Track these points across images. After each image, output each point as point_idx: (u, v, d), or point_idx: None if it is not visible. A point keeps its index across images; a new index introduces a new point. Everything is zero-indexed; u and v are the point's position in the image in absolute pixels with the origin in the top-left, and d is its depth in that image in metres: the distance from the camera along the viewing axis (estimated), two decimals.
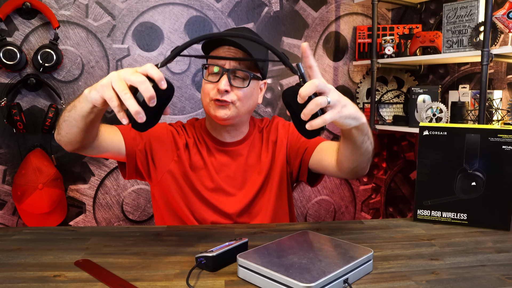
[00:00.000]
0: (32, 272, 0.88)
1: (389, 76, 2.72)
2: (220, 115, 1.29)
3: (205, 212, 1.35)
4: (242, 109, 1.32)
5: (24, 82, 2.13)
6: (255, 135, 1.45)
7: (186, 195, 1.36)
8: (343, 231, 1.16)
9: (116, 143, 1.29)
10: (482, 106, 1.84)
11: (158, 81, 0.85)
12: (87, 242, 1.05)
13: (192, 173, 1.37)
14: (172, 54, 0.93)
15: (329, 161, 1.29)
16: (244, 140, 1.43)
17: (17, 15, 2.15)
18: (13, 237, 1.09)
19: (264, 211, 1.38)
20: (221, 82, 1.26)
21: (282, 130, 1.46)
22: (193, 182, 1.36)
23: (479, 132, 1.18)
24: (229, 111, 1.29)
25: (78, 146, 1.14)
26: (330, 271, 0.80)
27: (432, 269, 0.91)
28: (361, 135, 1.07)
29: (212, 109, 1.31)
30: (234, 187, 1.38)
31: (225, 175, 1.39)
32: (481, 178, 1.19)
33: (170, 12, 2.36)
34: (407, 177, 2.71)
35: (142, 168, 1.36)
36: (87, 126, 1.05)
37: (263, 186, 1.40)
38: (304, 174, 1.41)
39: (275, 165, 1.42)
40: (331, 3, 2.63)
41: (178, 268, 0.90)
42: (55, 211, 2.18)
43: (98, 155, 1.26)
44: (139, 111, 0.83)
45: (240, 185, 1.39)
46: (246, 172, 1.40)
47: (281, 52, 0.97)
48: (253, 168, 1.41)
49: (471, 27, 1.98)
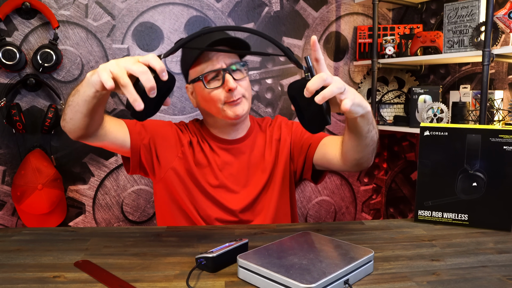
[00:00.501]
0: (31, 273, 0.87)
1: (390, 76, 2.71)
2: (239, 112, 1.31)
3: (209, 208, 1.36)
4: (250, 99, 1.36)
5: (24, 82, 2.13)
6: (257, 134, 1.46)
7: (191, 191, 1.37)
8: (344, 232, 1.16)
9: (121, 135, 1.29)
10: (483, 107, 1.84)
11: (159, 72, 0.86)
12: (86, 243, 1.05)
13: (196, 170, 1.37)
14: (176, 46, 0.92)
15: (334, 154, 1.29)
16: (247, 137, 1.44)
17: (17, 15, 2.15)
18: (13, 237, 1.09)
19: (267, 208, 1.39)
20: (229, 82, 1.27)
21: (285, 128, 1.47)
22: (198, 178, 1.37)
23: (480, 133, 1.17)
24: (244, 105, 1.32)
25: (82, 133, 1.14)
26: (331, 272, 0.80)
27: (433, 270, 0.90)
28: (367, 124, 1.08)
29: (229, 111, 1.31)
30: (238, 185, 1.39)
31: (228, 173, 1.39)
32: (482, 178, 1.18)
33: (170, 12, 2.36)
34: (408, 177, 2.70)
35: (146, 163, 1.36)
36: (90, 112, 1.05)
37: (267, 184, 1.41)
38: (309, 170, 1.41)
39: (278, 164, 1.42)
40: (332, 3, 2.62)
41: (178, 269, 0.90)
42: (55, 211, 2.17)
43: (101, 145, 1.26)
44: (136, 98, 0.83)
45: (244, 183, 1.40)
46: (249, 170, 1.41)
47: (286, 47, 0.96)
48: (256, 166, 1.41)
49: (472, 27, 1.97)
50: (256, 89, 2.52)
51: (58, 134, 2.24)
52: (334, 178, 2.74)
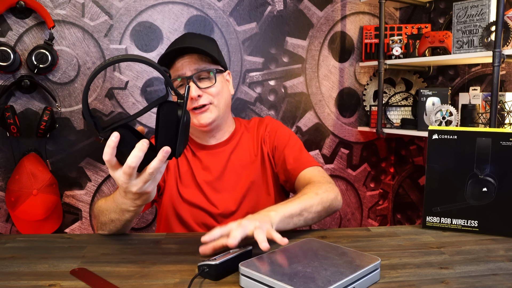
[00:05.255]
0: (26, 281, 0.87)
1: (397, 78, 2.68)
2: (204, 121, 1.33)
3: (191, 213, 1.40)
4: (221, 105, 1.37)
5: (18, 84, 2.10)
6: (242, 135, 1.48)
7: (174, 197, 1.41)
8: (349, 239, 1.16)
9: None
10: (494, 109, 1.82)
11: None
12: (83, 250, 1.04)
13: (179, 180, 1.41)
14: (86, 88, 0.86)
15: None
16: (229, 140, 1.46)
17: (11, 14, 2.11)
18: (7, 245, 1.08)
19: (252, 211, 1.38)
20: (191, 91, 1.29)
21: (270, 130, 1.49)
22: (179, 188, 1.41)
23: (491, 136, 1.17)
24: (211, 113, 1.34)
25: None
26: (336, 280, 0.78)
27: (442, 278, 0.90)
28: (300, 222, 1.14)
29: (195, 119, 1.34)
30: (223, 188, 1.41)
31: (211, 176, 1.41)
32: (492, 183, 1.17)
33: (169, 11, 2.31)
34: (415, 182, 2.66)
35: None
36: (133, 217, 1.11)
37: (252, 186, 1.42)
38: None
39: (263, 164, 1.45)
40: (337, 2, 2.57)
41: (178, 277, 0.89)
42: (50, 218, 2.13)
43: None
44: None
45: (227, 185, 1.41)
46: (232, 172, 1.42)
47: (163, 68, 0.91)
48: (240, 168, 1.43)
49: (482, 27, 1.94)
50: (259, 91, 2.47)
51: (54, 138, 2.20)
52: (339, 183, 2.69)
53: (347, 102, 2.64)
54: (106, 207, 1.11)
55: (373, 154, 2.73)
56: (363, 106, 2.67)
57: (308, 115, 2.56)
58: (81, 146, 2.25)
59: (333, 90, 2.60)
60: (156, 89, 2.31)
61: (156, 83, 2.31)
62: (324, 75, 2.57)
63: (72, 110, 2.22)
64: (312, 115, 2.57)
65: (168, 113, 0.88)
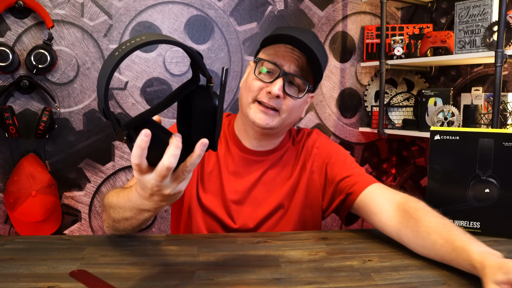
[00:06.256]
0: (25, 283, 0.86)
1: (399, 78, 2.66)
2: (260, 122, 1.18)
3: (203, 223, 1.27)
4: (287, 122, 1.22)
5: (17, 84, 2.09)
6: (288, 150, 1.32)
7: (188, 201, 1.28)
8: (351, 240, 1.14)
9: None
10: (496, 110, 1.80)
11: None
12: (82, 252, 1.03)
13: (200, 181, 1.28)
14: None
15: (378, 218, 1.15)
16: (273, 151, 1.30)
17: (9, 14, 2.10)
18: (5, 246, 1.06)
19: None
20: (275, 85, 1.15)
21: (318, 157, 1.31)
22: (199, 190, 1.27)
23: (493, 137, 1.16)
24: (272, 121, 1.19)
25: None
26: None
27: (444, 280, 0.90)
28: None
29: (252, 111, 1.19)
30: (248, 202, 1.27)
31: (240, 186, 1.27)
32: (495, 184, 1.16)
33: (169, 11, 2.30)
34: (417, 183, 2.65)
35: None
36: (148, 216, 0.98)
37: (278, 208, 1.28)
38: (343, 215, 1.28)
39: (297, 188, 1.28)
40: (338, 1, 2.56)
41: (178, 279, 0.88)
42: (49, 219, 2.13)
43: None
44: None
45: (254, 200, 1.27)
46: (263, 187, 1.28)
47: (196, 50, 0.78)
48: (273, 185, 1.28)
49: (484, 27, 1.92)
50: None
51: (53, 139, 2.19)
52: None
53: (348, 102, 2.63)
54: (119, 204, 1.00)
55: (374, 155, 2.72)
56: (364, 107, 2.66)
57: (309, 115, 2.54)
58: (80, 147, 2.24)
59: (334, 91, 2.59)
60: (156, 89, 2.30)
61: (156, 83, 2.30)
62: (325, 75, 2.55)
63: (71, 110, 2.21)
64: (313, 115, 2.55)
65: (203, 100, 0.79)
